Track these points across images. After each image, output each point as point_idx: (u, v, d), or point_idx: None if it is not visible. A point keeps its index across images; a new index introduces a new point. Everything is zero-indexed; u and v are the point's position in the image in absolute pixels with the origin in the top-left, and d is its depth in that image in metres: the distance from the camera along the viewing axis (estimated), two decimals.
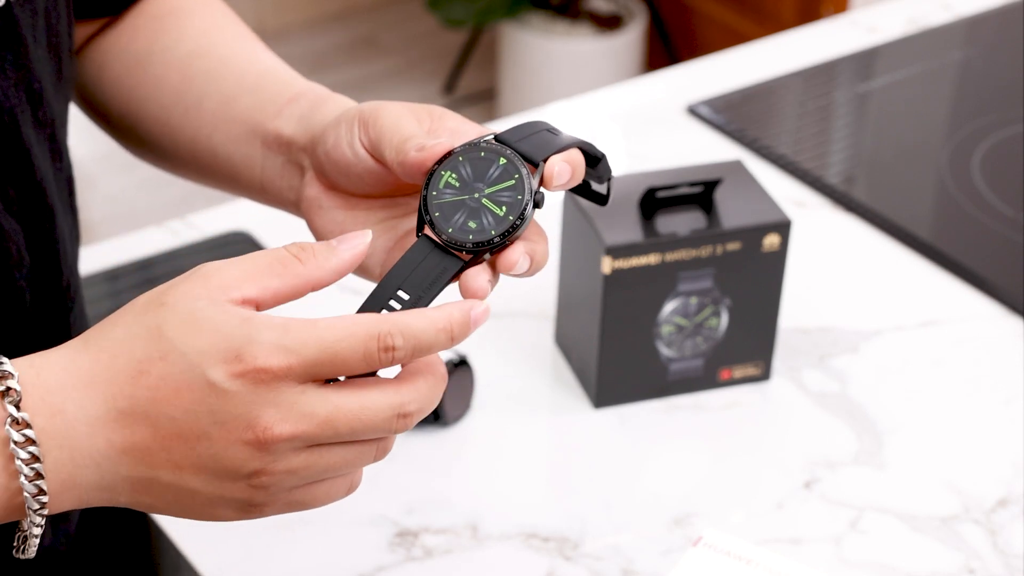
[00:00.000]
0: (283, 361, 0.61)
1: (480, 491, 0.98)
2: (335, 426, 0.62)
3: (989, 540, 0.96)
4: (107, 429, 0.62)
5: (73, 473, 0.63)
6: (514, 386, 1.07)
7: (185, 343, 0.61)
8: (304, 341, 0.61)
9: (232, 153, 0.83)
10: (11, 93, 0.77)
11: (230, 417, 0.61)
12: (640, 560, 0.94)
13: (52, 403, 0.62)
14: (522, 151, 0.69)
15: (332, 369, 0.62)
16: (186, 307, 0.62)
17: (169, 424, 0.62)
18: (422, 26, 3.32)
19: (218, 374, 0.61)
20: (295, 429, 0.61)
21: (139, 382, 0.62)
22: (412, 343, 0.63)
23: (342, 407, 0.62)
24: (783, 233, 1.03)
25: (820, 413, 1.05)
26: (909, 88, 1.44)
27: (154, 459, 0.63)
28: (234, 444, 0.62)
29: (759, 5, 2.89)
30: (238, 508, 0.64)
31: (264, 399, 0.61)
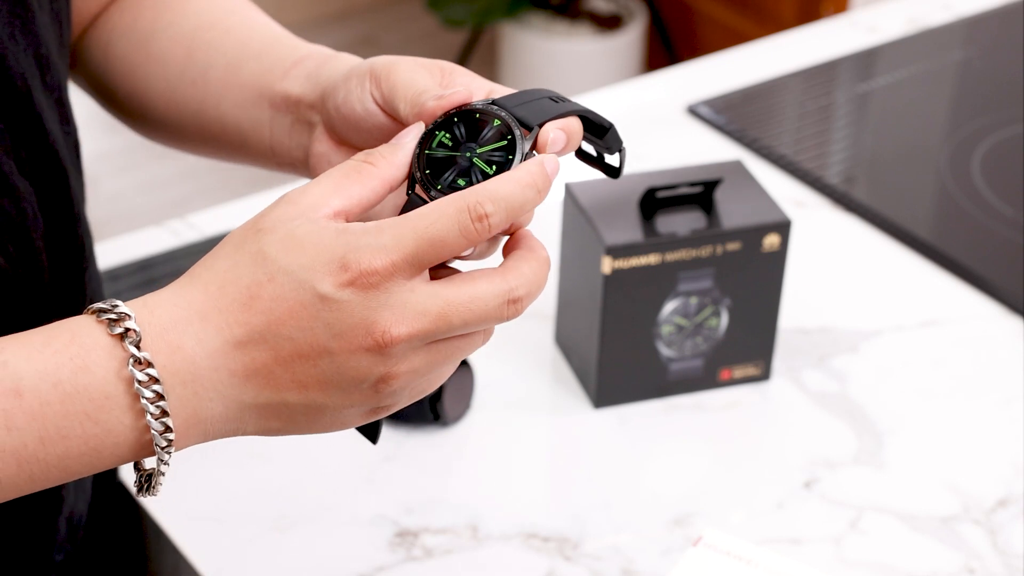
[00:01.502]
0: (386, 260, 0.62)
1: (480, 491, 0.98)
2: (449, 320, 0.63)
3: (989, 540, 0.96)
4: (227, 359, 0.63)
5: (198, 408, 0.63)
6: (514, 386, 1.07)
7: (290, 261, 0.62)
8: (400, 235, 0.63)
9: (240, 119, 0.84)
10: (22, 59, 0.78)
11: (347, 327, 0.62)
12: (640, 560, 0.94)
13: (170, 340, 0.63)
14: (518, 115, 0.69)
15: (434, 254, 0.63)
16: (284, 229, 0.63)
17: (288, 344, 0.63)
18: (422, 26, 3.32)
19: (327, 286, 0.62)
20: (411, 328, 0.62)
21: (252, 307, 0.63)
22: (503, 206, 0.64)
23: (453, 301, 0.63)
24: (783, 233, 1.03)
25: (820, 413, 1.05)
26: (909, 88, 1.44)
27: (278, 382, 0.63)
28: (355, 353, 0.63)
29: (759, 5, 2.88)
30: (366, 413, 0.66)
31: (377, 302, 0.62)
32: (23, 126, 0.79)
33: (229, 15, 0.89)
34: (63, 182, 0.82)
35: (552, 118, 0.69)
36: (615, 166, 0.75)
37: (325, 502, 0.97)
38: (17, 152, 0.79)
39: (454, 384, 1.01)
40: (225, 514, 0.96)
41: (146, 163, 2.81)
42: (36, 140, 0.80)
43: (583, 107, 0.71)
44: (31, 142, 0.80)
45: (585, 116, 0.71)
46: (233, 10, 0.89)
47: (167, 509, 0.96)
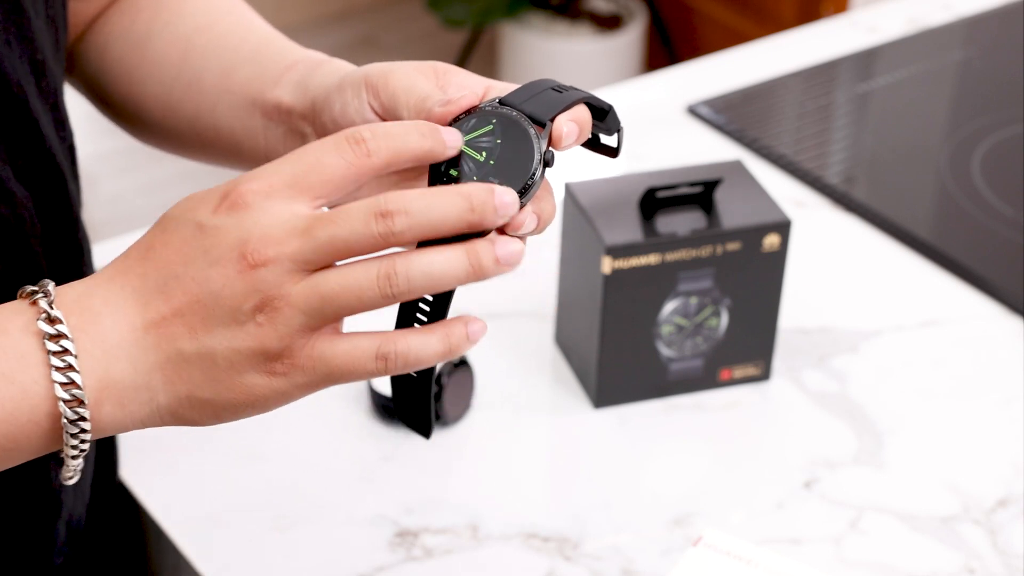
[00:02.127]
0: (263, 182, 0.63)
1: (480, 491, 0.98)
2: (314, 234, 0.63)
3: (989, 540, 0.96)
4: (128, 313, 0.65)
5: (108, 367, 0.64)
6: (514, 386, 1.07)
7: (178, 210, 0.65)
8: (279, 161, 0.64)
9: (234, 125, 0.83)
10: (17, 65, 0.78)
11: (222, 252, 0.63)
12: (640, 560, 0.94)
13: (81, 303, 0.65)
14: (528, 112, 0.69)
15: (313, 173, 0.64)
16: (188, 200, 0.66)
17: (176, 284, 0.64)
18: (422, 26, 3.32)
19: (204, 214, 0.64)
20: (280, 248, 0.63)
21: (147, 258, 0.65)
22: (380, 132, 0.64)
23: (320, 216, 0.63)
24: (783, 233, 1.03)
25: (820, 413, 1.05)
26: (909, 88, 1.44)
27: (172, 330, 0.64)
28: (230, 280, 0.63)
29: (759, 5, 2.88)
30: (263, 367, 0.64)
31: (250, 221, 0.63)
32: (19, 132, 0.79)
33: (224, 18, 0.88)
34: (61, 187, 0.82)
35: (561, 110, 0.69)
36: (613, 147, 0.75)
37: (325, 502, 0.97)
38: (13, 158, 0.78)
39: (454, 384, 1.01)
40: (225, 514, 0.96)
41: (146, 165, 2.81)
42: (32, 146, 0.80)
43: (585, 92, 0.71)
44: (27, 148, 0.79)
45: (587, 101, 0.71)
46: (228, 13, 0.89)
47: (167, 509, 0.96)
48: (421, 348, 0.65)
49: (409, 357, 0.65)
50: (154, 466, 0.99)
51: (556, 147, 0.69)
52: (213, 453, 1.00)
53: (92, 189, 2.75)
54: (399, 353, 0.64)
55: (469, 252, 0.64)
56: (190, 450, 1.00)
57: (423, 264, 0.63)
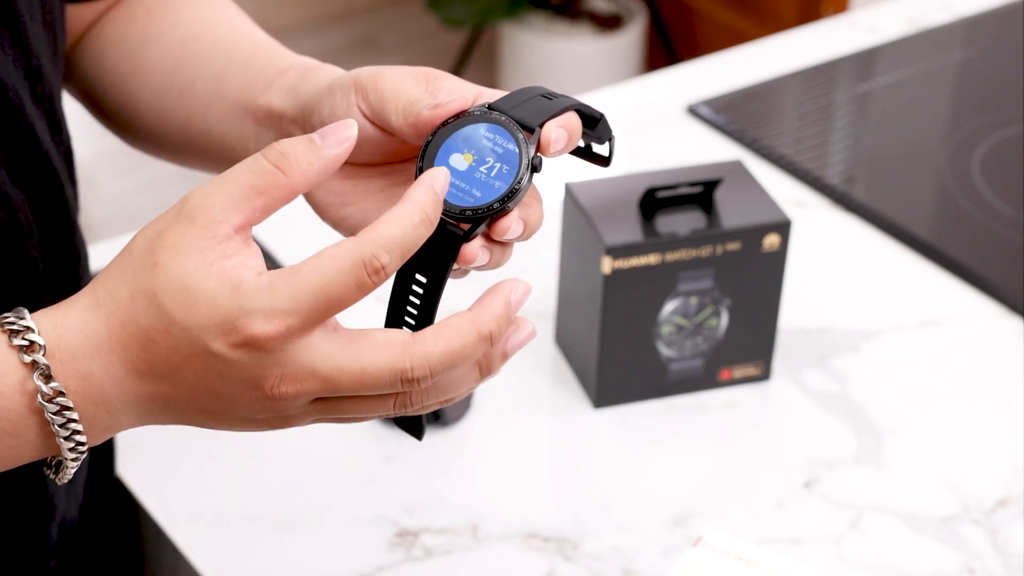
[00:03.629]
0: (279, 325, 0.62)
1: (480, 491, 0.98)
2: (336, 385, 0.63)
3: (989, 540, 0.96)
4: (134, 385, 0.65)
5: (111, 422, 0.66)
6: (514, 386, 1.07)
7: (184, 317, 0.63)
8: (296, 297, 0.62)
9: (226, 132, 0.83)
10: (11, 70, 0.78)
11: (239, 380, 0.63)
12: (640, 560, 0.94)
13: (79, 368, 0.64)
14: (517, 117, 0.69)
15: (331, 310, 0.63)
16: (177, 274, 0.63)
17: (186, 383, 0.64)
18: (422, 26, 3.32)
19: (219, 346, 0.63)
20: (299, 387, 0.63)
21: (150, 349, 0.64)
22: (398, 252, 0.63)
23: (344, 368, 0.63)
24: (783, 233, 1.03)
25: (820, 413, 1.05)
26: (909, 88, 1.44)
27: (181, 406, 0.65)
28: (247, 399, 0.64)
29: (759, 5, 2.89)
30: (267, 427, 0.67)
31: (268, 361, 0.63)
32: (14, 137, 0.78)
33: (217, 26, 0.88)
34: (57, 191, 0.82)
35: (550, 116, 0.69)
36: (604, 155, 0.75)
37: (325, 502, 0.97)
38: (9, 163, 0.78)
39: None
40: (225, 514, 0.96)
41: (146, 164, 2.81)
42: (28, 150, 0.80)
43: (575, 100, 0.71)
44: (23, 152, 0.79)
45: (578, 109, 0.71)
46: (222, 21, 0.89)
47: (167, 509, 0.96)
48: (434, 398, 0.67)
49: (426, 407, 0.67)
50: (154, 466, 0.99)
51: (544, 153, 0.69)
52: (213, 453, 1.00)
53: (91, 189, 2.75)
54: (415, 405, 0.66)
55: (481, 367, 0.67)
56: (190, 450, 1.00)
57: (438, 391, 0.66)
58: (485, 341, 0.64)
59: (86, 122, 0.97)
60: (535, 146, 0.68)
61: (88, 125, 0.97)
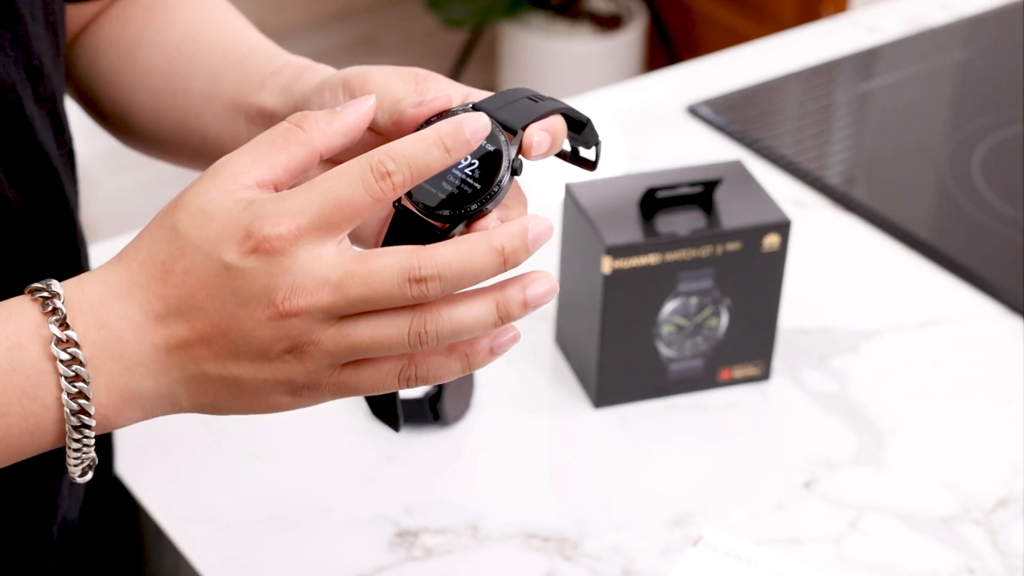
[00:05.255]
0: (290, 224, 0.62)
1: (480, 491, 0.98)
2: (346, 291, 0.62)
3: (989, 540, 0.96)
4: (150, 332, 0.64)
5: (130, 383, 0.65)
6: (514, 386, 1.07)
7: (199, 235, 0.63)
8: (306, 197, 0.62)
9: (220, 131, 0.83)
10: (12, 71, 0.78)
11: (251, 296, 0.63)
12: (640, 560, 0.94)
13: (98, 316, 0.64)
14: (500, 119, 0.68)
15: (342, 215, 0.63)
16: (196, 203, 0.64)
17: (201, 316, 0.64)
18: (422, 26, 3.32)
19: (232, 256, 0.63)
20: (310, 300, 0.62)
21: (167, 281, 0.64)
22: (405, 163, 0.63)
23: (352, 271, 0.62)
24: (783, 233, 1.03)
25: (820, 413, 1.05)
26: (909, 88, 1.44)
27: (196, 353, 0.64)
28: (260, 324, 0.63)
29: (759, 5, 2.89)
30: (289, 391, 0.65)
31: (280, 268, 0.62)
32: (13, 137, 0.79)
33: (213, 27, 0.88)
34: (57, 191, 0.82)
35: (534, 119, 0.69)
36: (591, 160, 0.75)
37: (325, 502, 0.97)
38: (7, 164, 0.78)
39: (454, 384, 1.01)
40: (225, 514, 0.96)
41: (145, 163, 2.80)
42: (26, 150, 0.80)
43: (562, 104, 0.71)
44: (22, 153, 0.79)
45: (564, 113, 0.71)
46: (218, 21, 0.89)
47: (167, 509, 0.96)
48: (441, 369, 0.66)
49: (429, 378, 0.66)
50: (154, 466, 0.99)
51: (526, 156, 0.68)
52: (213, 453, 1.00)
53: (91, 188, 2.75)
54: (420, 376, 0.66)
55: (499, 304, 0.64)
56: (190, 450, 1.00)
57: (453, 323, 0.64)
58: (496, 254, 0.63)
59: (85, 121, 0.97)
60: (517, 148, 0.68)
61: (87, 124, 0.97)
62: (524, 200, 0.70)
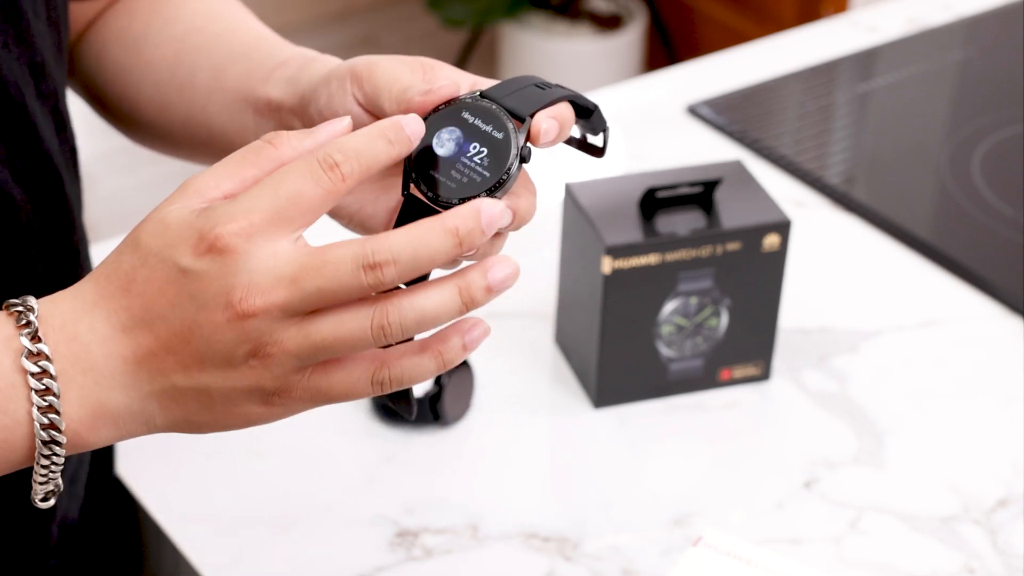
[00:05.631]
0: (242, 222, 0.62)
1: (480, 491, 0.98)
2: (301, 284, 0.62)
3: (989, 540, 0.96)
4: (117, 345, 0.64)
5: (101, 398, 0.64)
6: (514, 386, 1.07)
7: (156, 243, 0.63)
8: (255, 194, 0.62)
9: (226, 123, 0.83)
10: (15, 67, 0.78)
11: (209, 297, 0.62)
12: (640, 560, 0.94)
13: (68, 330, 0.64)
14: (508, 107, 0.68)
15: (294, 210, 0.62)
16: (158, 215, 0.64)
17: (163, 324, 0.63)
18: (422, 26, 3.32)
19: (187, 259, 0.62)
20: (267, 298, 0.62)
21: (130, 291, 0.64)
22: (352, 155, 0.63)
23: (306, 264, 0.62)
24: (783, 233, 1.03)
25: (820, 413, 1.05)
26: (909, 88, 1.44)
27: (163, 364, 0.64)
28: (220, 328, 0.62)
29: (759, 5, 2.88)
30: (260, 400, 0.65)
31: (235, 267, 0.62)
32: (17, 135, 0.79)
33: (218, 19, 0.88)
34: (59, 190, 0.82)
35: (542, 106, 0.69)
36: (599, 146, 0.75)
37: (325, 502, 0.97)
38: (11, 161, 0.78)
39: (454, 384, 1.01)
40: (225, 514, 0.96)
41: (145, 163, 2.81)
42: (30, 149, 0.80)
43: (569, 91, 0.71)
44: (25, 151, 0.79)
45: (572, 100, 0.71)
46: (223, 14, 0.89)
47: (167, 509, 0.96)
48: (415, 369, 0.65)
49: (403, 380, 0.65)
50: (154, 466, 0.99)
51: (535, 143, 0.68)
52: (213, 453, 1.00)
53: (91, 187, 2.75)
54: (394, 378, 0.65)
55: (461, 290, 0.63)
56: (190, 450, 1.00)
57: (416, 312, 0.63)
58: (450, 235, 0.62)
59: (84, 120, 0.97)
60: (525, 136, 0.68)
61: (88, 123, 0.97)
62: (533, 188, 0.70)
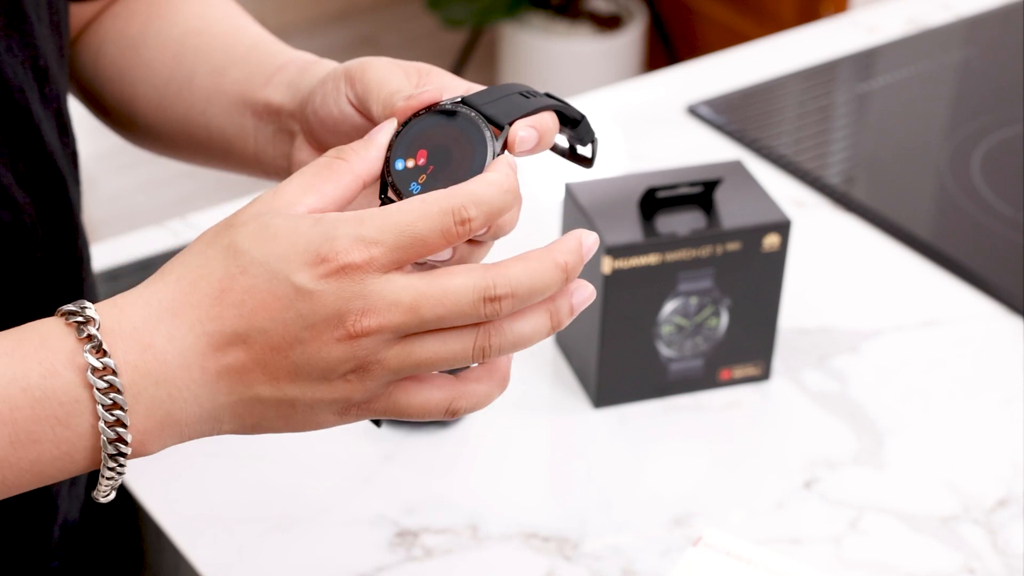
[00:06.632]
0: (365, 253, 0.61)
1: (480, 491, 0.98)
2: (420, 312, 0.62)
3: (989, 540, 0.96)
4: (200, 357, 0.62)
5: (172, 410, 0.63)
6: (514, 386, 1.06)
7: (263, 252, 0.62)
8: (382, 228, 0.62)
9: (225, 126, 0.83)
10: (19, 71, 0.78)
11: (320, 318, 0.61)
12: (640, 560, 0.94)
13: (141, 339, 0.62)
14: (488, 113, 0.68)
15: (414, 251, 0.62)
16: (256, 222, 0.63)
17: (260, 336, 0.62)
18: (422, 26, 3.32)
19: (303, 278, 0.61)
20: (382, 320, 0.61)
21: (224, 300, 0.62)
22: (485, 209, 0.63)
23: (425, 292, 0.62)
24: (783, 233, 1.03)
25: (820, 413, 1.05)
26: (909, 88, 1.44)
27: (250, 377, 0.63)
28: (327, 344, 0.62)
29: (759, 5, 2.89)
30: (338, 410, 0.65)
31: (351, 292, 0.61)
32: (21, 138, 0.79)
33: (217, 21, 0.88)
34: (62, 193, 0.82)
35: (523, 115, 0.68)
36: (588, 156, 0.74)
37: (325, 502, 0.97)
38: (15, 164, 0.78)
39: None
40: (225, 514, 0.96)
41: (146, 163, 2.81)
42: (34, 152, 0.80)
43: (554, 100, 0.70)
44: (29, 154, 0.80)
45: (558, 110, 0.71)
46: (221, 16, 0.89)
47: (167, 509, 0.96)
48: (484, 398, 0.67)
49: (473, 408, 0.67)
50: (154, 467, 0.99)
51: (511, 151, 0.68)
52: (213, 453, 1.00)
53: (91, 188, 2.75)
54: (464, 408, 0.67)
55: (552, 314, 0.65)
56: (190, 451, 1.00)
57: (515, 336, 0.65)
58: (561, 271, 0.64)
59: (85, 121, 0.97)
60: (502, 144, 0.68)
61: (87, 123, 0.97)
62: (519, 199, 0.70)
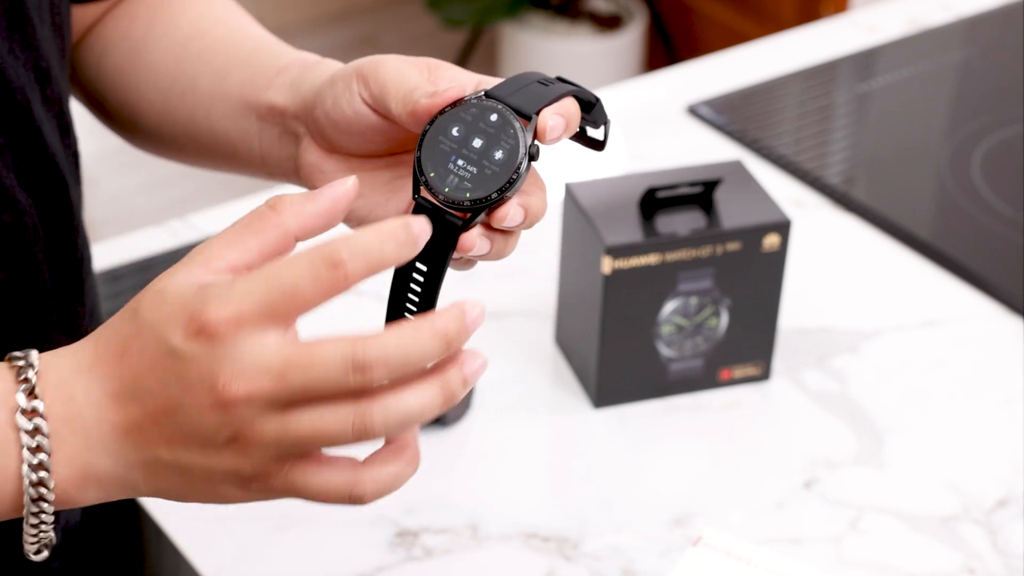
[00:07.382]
0: (231, 309, 0.60)
1: (480, 491, 0.98)
2: (288, 380, 0.60)
3: (989, 540, 0.96)
4: (107, 411, 0.63)
5: (89, 461, 0.63)
6: (514, 386, 1.07)
7: (153, 316, 0.62)
8: (249, 284, 0.61)
9: (229, 129, 0.83)
10: (21, 73, 0.78)
11: (194, 381, 0.61)
12: (640, 560, 0.94)
13: (65, 390, 0.63)
14: (513, 105, 0.68)
15: (289, 304, 0.60)
16: (160, 284, 0.63)
17: (151, 398, 0.62)
18: (422, 26, 3.32)
19: (177, 339, 0.61)
20: (251, 386, 0.60)
21: (123, 361, 0.63)
22: (360, 250, 0.60)
23: (292, 360, 0.60)
24: (783, 233, 1.03)
25: (820, 413, 1.05)
26: (909, 88, 1.44)
27: (149, 437, 0.63)
28: (203, 410, 0.61)
29: (759, 5, 2.89)
30: (238, 483, 0.64)
31: (222, 355, 0.60)
32: (23, 140, 0.79)
33: (219, 24, 0.88)
34: (63, 195, 0.82)
35: (547, 103, 0.69)
36: (600, 139, 0.75)
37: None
38: (17, 166, 0.78)
39: None
40: (225, 514, 0.96)
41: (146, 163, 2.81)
42: (36, 154, 0.80)
43: (571, 85, 0.71)
44: (31, 156, 0.80)
45: (574, 94, 0.71)
46: (224, 19, 0.89)
47: (167, 509, 0.96)
48: (392, 482, 0.65)
49: (380, 493, 0.65)
50: None
51: (542, 140, 0.68)
52: None
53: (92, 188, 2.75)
54: (370, 494, 0.65)
55: (442, 387, 0.62)
56: None
57: (400, 411, 0.62)
58: (440, 339, 0.61)
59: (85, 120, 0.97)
60: (532, 134, 0.68)
61: (88, 124, 0.97)
62: (543, 185, 0.70)
